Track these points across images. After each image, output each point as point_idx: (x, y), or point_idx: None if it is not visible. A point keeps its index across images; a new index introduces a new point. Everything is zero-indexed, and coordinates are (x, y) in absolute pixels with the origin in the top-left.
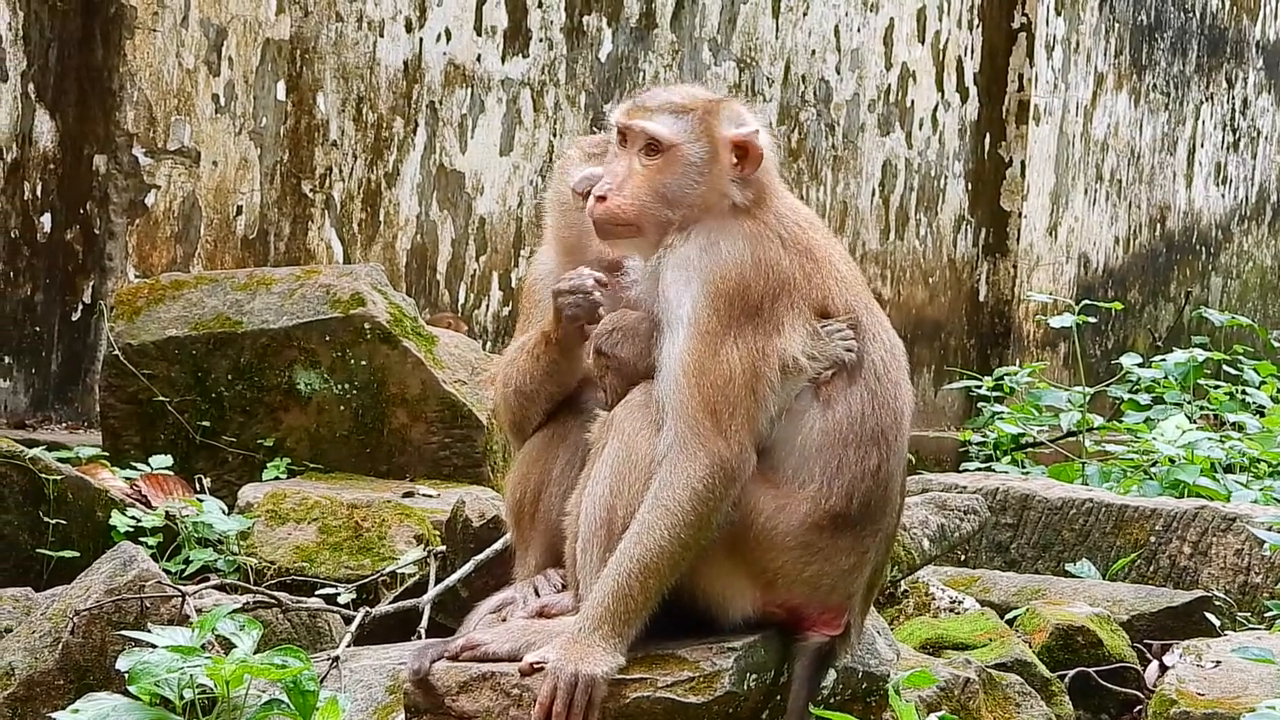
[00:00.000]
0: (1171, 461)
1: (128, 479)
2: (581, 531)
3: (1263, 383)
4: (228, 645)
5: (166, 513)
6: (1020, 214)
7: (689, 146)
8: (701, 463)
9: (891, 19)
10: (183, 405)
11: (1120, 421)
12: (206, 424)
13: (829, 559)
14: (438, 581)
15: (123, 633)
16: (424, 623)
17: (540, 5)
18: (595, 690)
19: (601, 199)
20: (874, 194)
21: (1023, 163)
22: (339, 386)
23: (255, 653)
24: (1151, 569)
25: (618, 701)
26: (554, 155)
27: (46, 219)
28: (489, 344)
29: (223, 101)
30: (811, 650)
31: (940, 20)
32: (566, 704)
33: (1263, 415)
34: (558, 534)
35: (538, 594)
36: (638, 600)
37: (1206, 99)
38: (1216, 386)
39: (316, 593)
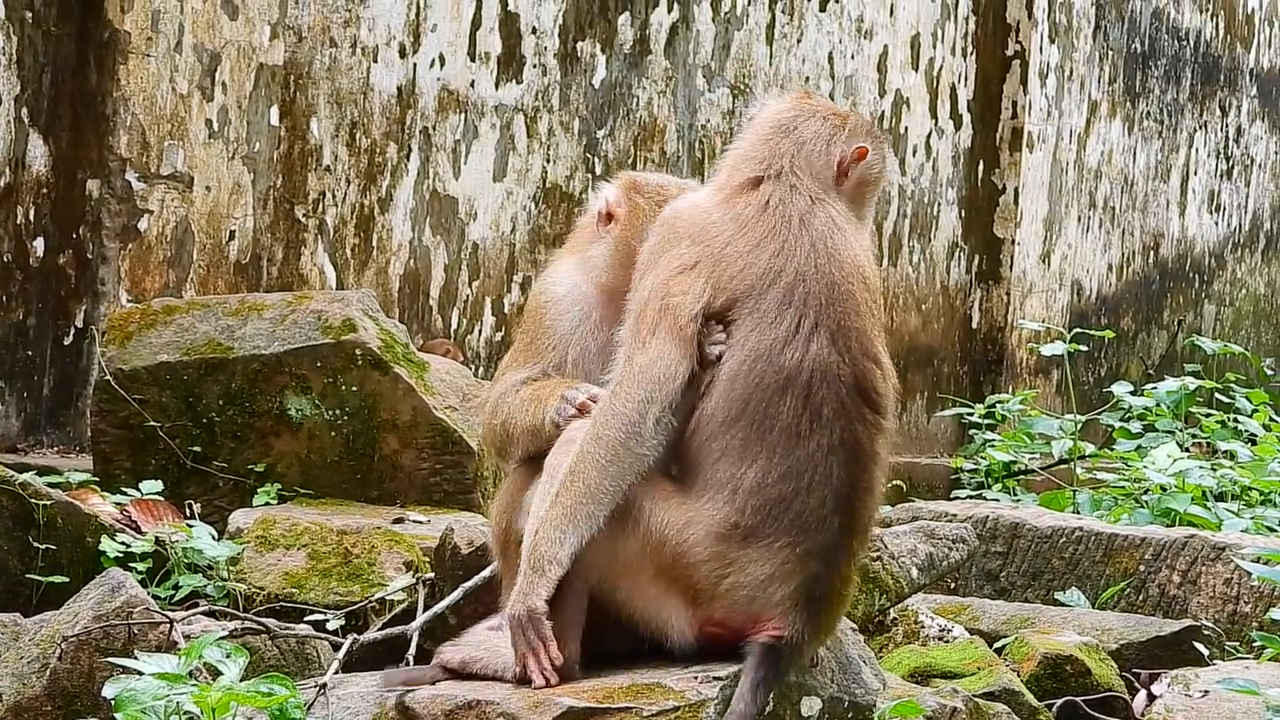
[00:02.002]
0: (1163, 490)
1: (118, 504)
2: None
3: (1255, 411)
4: (215, 672)
5: (156, 538)
6: (1013, 241)
7: None
8: (624, 371)
9: (885, 46)
10: (174, 430)
11: (1112, 449)
12: (197, 449)
13: (742, 569)
14: (426, 608)
15: (110, 660)
16: (412, 649)
17: (534, 31)
18: (537, 623)
19: None
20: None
21: (1016, 190)
22: (330, 412)
23: (242, 679)
24: (1141, 598)
25: None
26: (546, 181)
27: (39, 243)
28: (481, 370)
29: (216, 126)
30: (758, 647)
31: (934, 48)
32: (528, 645)
33: (1255, 444)
34: None
35: None
36: (566, 503)
37: (1200, 127)
38: (1209, 414)
39: (305, 619)
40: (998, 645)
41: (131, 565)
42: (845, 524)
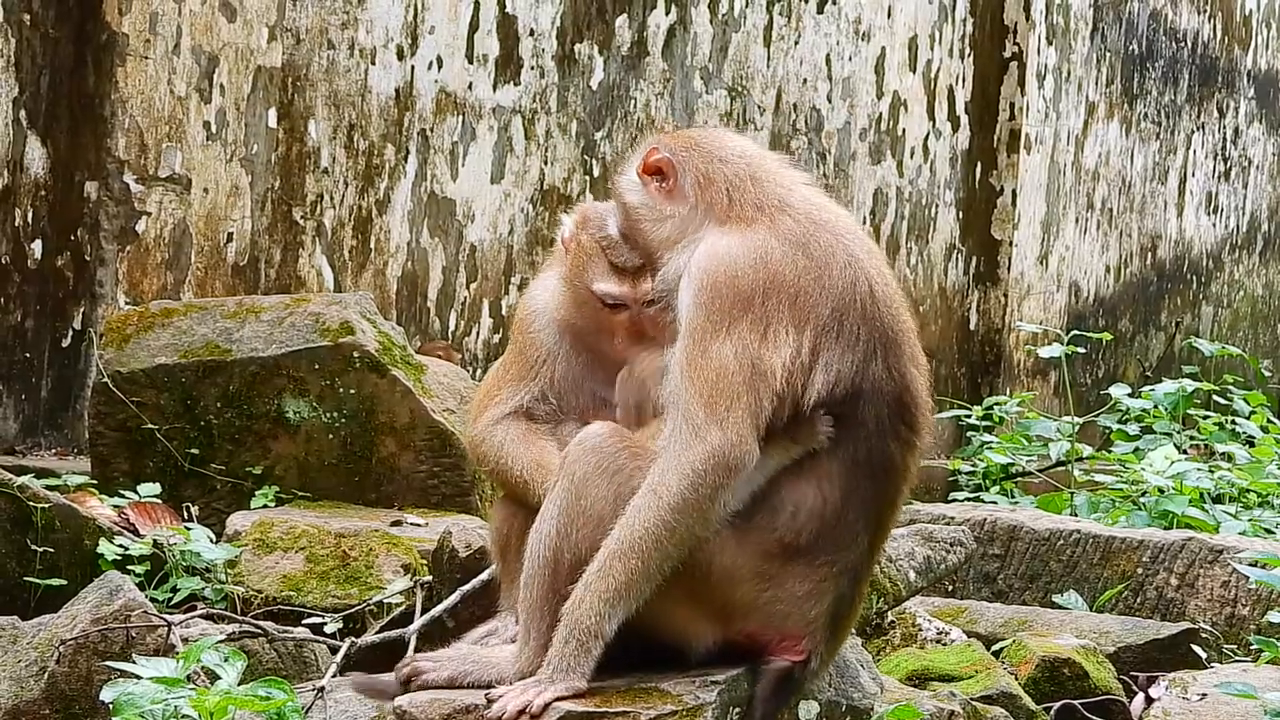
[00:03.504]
0: (1160, 492)
1: (116, 507)
2: (525, 566)
3: (1252, 413)
4: (213, 676)
5: (154, 541)
6: (1011, 243)
7: (623, 215)
8: (695, 450)
9: (883, 48)
10: (171, 433)
11: (1109, 451)
12: (195, 452)
13: (782, 585)
14: (424, 612)
15: (108, 663)
16: (410, 652)
17: (532, 33)
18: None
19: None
20: (865, 222)
21: (1014, 191)
22: (328, 415)
23: (240, 683)
24: (1139, 600)
25: None
26: (544, 183)
27: (37, 245)
28: (479, 372)
29: (214, 129)
30: (773, 673)
31: (932, 49)
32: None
33: (1252, 445)
34: None
35: None
36: (618, 580)
37: (1198, 128)
38: (1206, 416)
39: (303, 622)
40: (995, 648)
41: (129, 568)
42: (873, 541)
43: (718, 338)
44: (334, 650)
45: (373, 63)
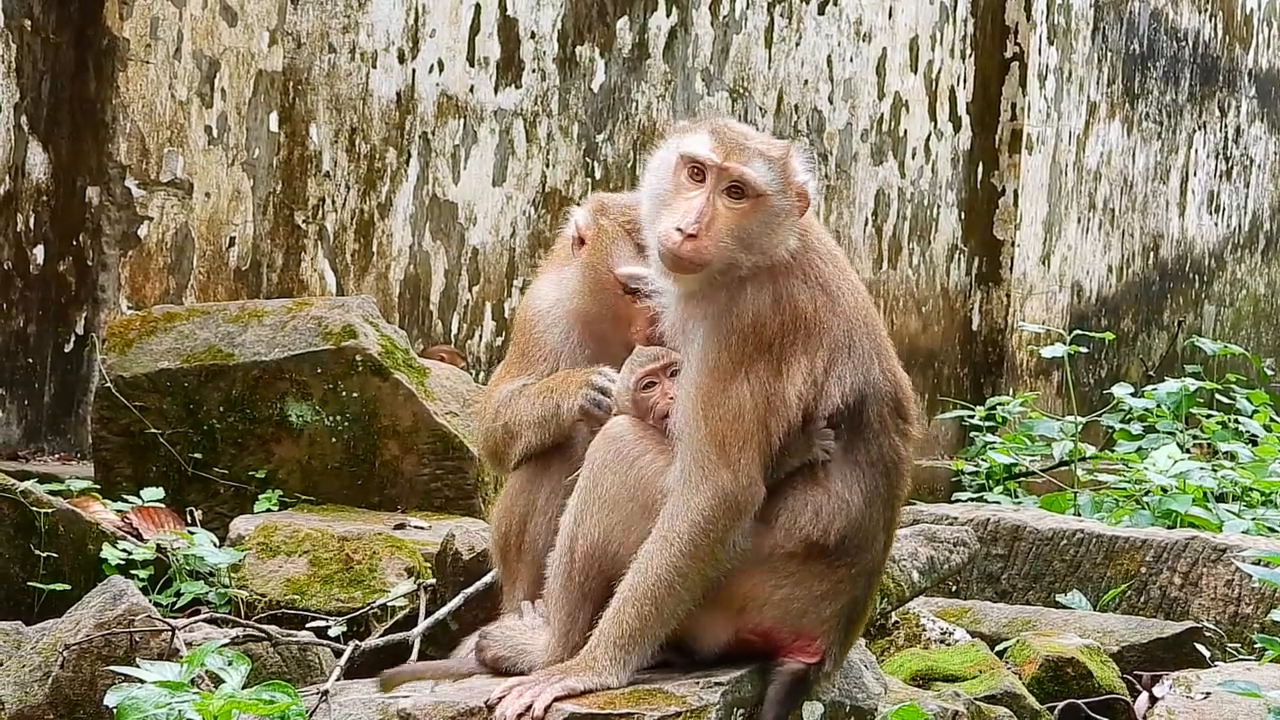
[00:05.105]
0: (1164, 491)
1: (119, 511)
2: (552, 557)
3: (1255, 411)
4: (217, 680)
5: (158, 545)
6: (1013, 243)
7: (776, 197)
8: (704, 494)
9: (884, 49)
10: (174, 437)
11: (1113, 451)
12: (198, 456)
13: (799, 583)
14: (428, 614)
15: (112, 668)
16: (414, 656)
17: (533, 36)
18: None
19: (692, 236)
20: (867, 223)
21: (1015, 192)
22: (330, 418)
23: (244, 687)
24: (1142, 600)
25: None
26: (546, 186)
27: (39, 251)
28: (482, 375)
29: (215, 133)
30: (786, 675)
31: (933, 50)
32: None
33: (1255, 444)
34: (544, 566)
35: None
36: (631, 626)
37: (1199, 127)
38: (1209, 415)
39: (307, 626)
40: (999, 648)
41: (133, 573)
42: (887, 540)
43: (736, 378)
44: (338, 654)
45: (374, 66)
